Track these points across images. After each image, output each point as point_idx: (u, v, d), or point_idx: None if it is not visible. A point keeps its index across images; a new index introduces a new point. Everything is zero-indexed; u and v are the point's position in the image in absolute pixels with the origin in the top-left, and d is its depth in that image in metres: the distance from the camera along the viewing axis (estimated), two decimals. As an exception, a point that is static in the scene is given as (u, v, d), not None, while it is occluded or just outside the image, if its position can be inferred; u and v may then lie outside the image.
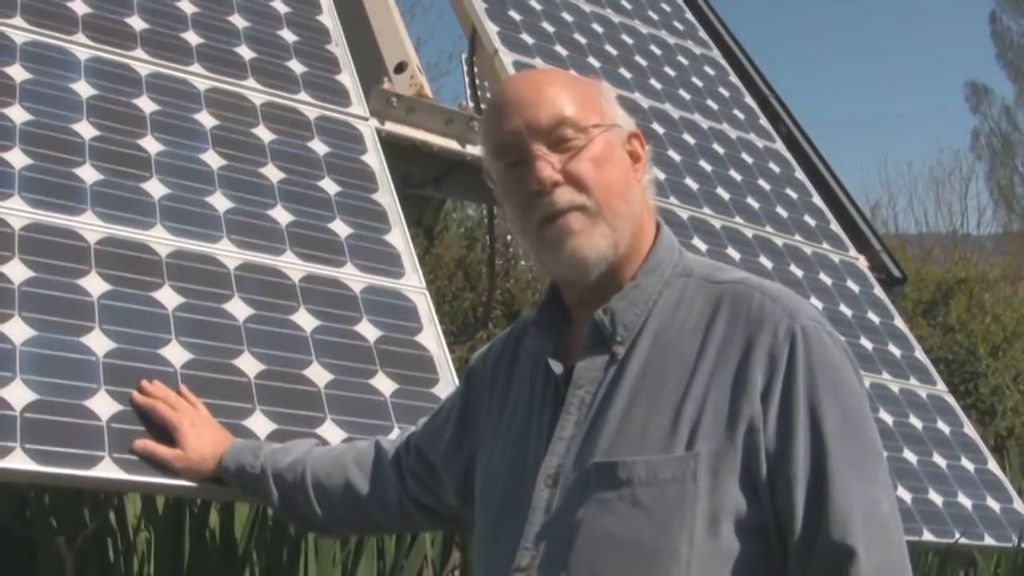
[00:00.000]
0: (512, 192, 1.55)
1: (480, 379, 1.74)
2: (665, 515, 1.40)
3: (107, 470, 1.85)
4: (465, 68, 4.99)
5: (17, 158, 2.24)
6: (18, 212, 2.15)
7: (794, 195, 4.04)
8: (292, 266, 2.41)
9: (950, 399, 3.60)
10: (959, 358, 8.31)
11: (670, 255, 1.58)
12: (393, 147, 3.04)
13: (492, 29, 3.62)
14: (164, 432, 1.93)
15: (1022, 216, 26.28)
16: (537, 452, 1.53)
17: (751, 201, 3.80)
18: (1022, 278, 12.50)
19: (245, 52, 2.87)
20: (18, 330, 1.96)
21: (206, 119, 2.61)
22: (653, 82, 4.03)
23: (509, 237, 8.35)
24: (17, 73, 2.41)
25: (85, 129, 2.39)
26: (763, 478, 1.41)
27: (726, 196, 3.71)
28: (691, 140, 3.87)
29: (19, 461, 1.78)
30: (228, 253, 2.34)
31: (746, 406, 1.42)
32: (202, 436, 1.92)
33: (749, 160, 4.02)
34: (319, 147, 2.74)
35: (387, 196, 2.74)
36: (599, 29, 4.12)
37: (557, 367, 1.56)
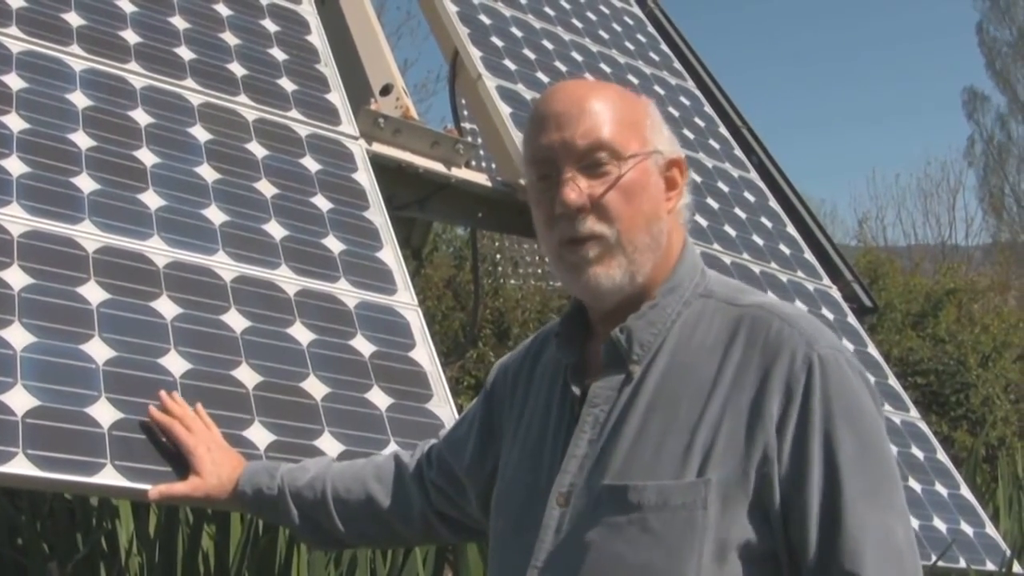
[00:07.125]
0: (540, 204, 1.54)
1: (501, 387, 1.73)
2: (674, 541, 1.39)
3: (109, 477, 1.84)
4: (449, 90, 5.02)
5: (15, 165, 2.23)
6: (17, 219, 2.13)
7: (769, 224, 4.10)
8: (287, 280, 2.41)
9: (923, 425, 3.66)
10: (949, 369, 8.22)
11: (691, 275, 1.56)
12: (379, 168, 3.05)
13: (475, 54, 3.65)
14: (176, 452, 1.92)
15: (1011, 225, 26.23)
16: (551, 468, 1.52)
17: (728, 229, 3.85)
18: (1011, 288, 12.44)
19: (237, 69, 2.87)
20: (18, 336, 1.94)
21: (200, 133, 2.61)
22: (631, 111, 4.07)
23: (499, 256, 8.33)
24: (14, 82, 2.40)
25: (82, 139, 2.38)
26: (776, 507, 1.40)
27: (704, 223, 3.76)
28: (669, 168, 3.91)
29: (22, 467, 1.77)
30: (224, 266, 2.34)
31: (760, 435, 1.40)
32: (217, 460, 1.90)
33: (725, 189, 4.08)
34: (311, 164, 2.75)
35: (378, 214, 2.75)
36: (578, 57, 4.16)
37: (575, 386, 1.54)
